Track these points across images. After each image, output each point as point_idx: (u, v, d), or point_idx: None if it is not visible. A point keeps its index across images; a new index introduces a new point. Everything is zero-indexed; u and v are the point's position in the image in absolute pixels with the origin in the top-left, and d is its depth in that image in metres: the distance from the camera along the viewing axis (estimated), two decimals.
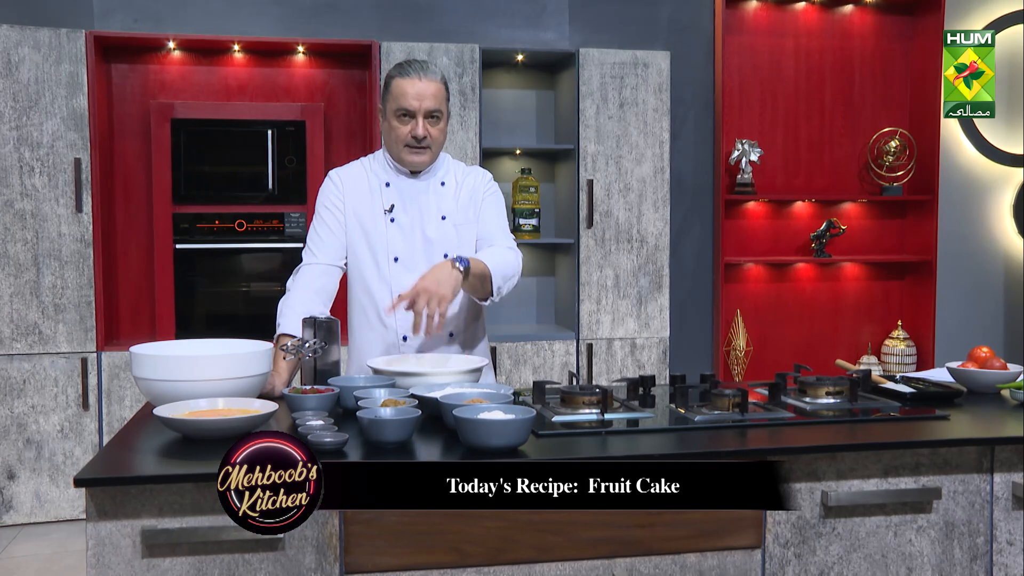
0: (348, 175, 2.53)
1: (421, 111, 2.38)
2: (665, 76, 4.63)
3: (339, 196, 2.49)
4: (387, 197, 2.47)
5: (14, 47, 4.05)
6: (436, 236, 2.46)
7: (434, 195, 2.48)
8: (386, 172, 2.49)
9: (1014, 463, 1.94)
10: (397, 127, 2.41)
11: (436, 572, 1.74)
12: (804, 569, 1.88)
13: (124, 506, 1.63)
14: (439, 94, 2.40)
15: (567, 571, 1.79)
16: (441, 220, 2.46)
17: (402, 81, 2.38)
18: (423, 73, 2.38)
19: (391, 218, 2.45)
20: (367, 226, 2.46)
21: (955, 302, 5.22)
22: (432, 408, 1.96)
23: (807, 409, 2.12)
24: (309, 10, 4.56)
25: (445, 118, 2.44)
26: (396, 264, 2.45)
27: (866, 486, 1.89)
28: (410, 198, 2.47)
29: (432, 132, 2.41)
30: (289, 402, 2.01)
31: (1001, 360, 2.39)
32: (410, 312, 2.22)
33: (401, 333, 2.44)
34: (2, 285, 4.09)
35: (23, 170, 4.09)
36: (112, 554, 1.63)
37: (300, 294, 2.42)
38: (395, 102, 2.39)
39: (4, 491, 4.11)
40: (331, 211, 2.49)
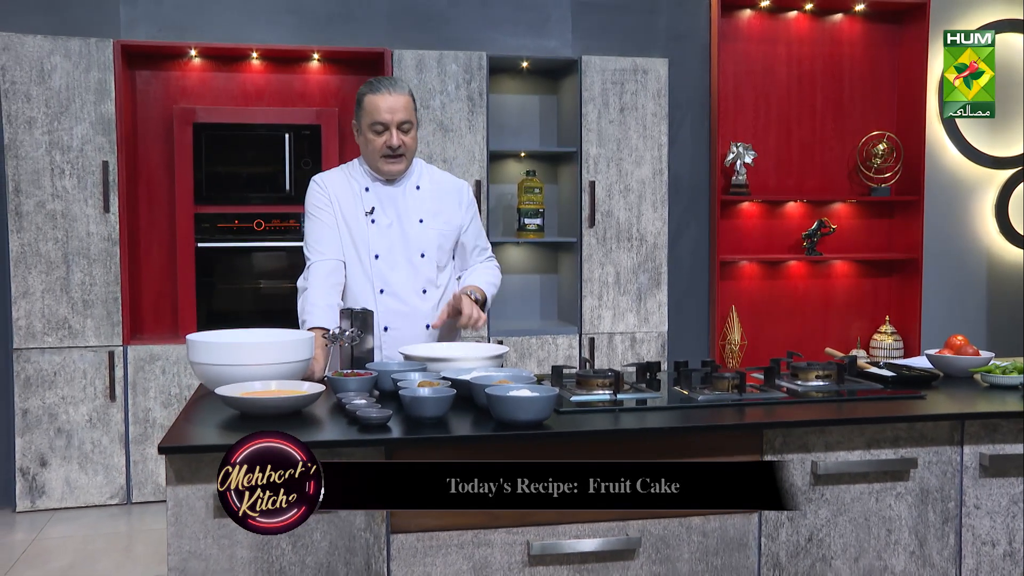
0: (331, 179, 2.79)
1: (394, 123, 2.64)
2: (663, 82, 4.85)
3: (327, 198, 2.75)
4: (367, 200, 2.72)
5: (47, 56, 4.25)
6: (414, 236, 2.74)
7: (411, 199, 2.75)
8: (365, 178, 2.76)
9: (981, 436, 2.18)
10: (373, 139, 2.66)
11: (471, 532, 1.96)
12: (796, 531, 2.11)
13: (198, 472, 1.85)
14: (408, 106, 2.68)
15: (586, 531, 2.01)
16: (419, 223, 2.74)
17: (374, 97, 2.64)
18: (393, 88, 2.65)
19: (372, 219, 2.70)
20: (351, 226, 2.72)
21: (940, 298, 5.45)
22: (462, 389, 2.18)
23: (799, 390, 2.35)
24: (323, 19, 4.77)
25: (415, 127, 2.71)
26: (377, 261, 2.72)
27: (851, 457, 2.12)
28: (388, 201, 2.74)
29: (405, 141, 2.67)
30: (333, 384, 2.22)
31: (974, 347, 2.61)
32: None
33: (383, 324, 2.72)
34: (34, 282, 4.30)
35: (54, 172, 4.30)
36: (188, 514, 1.85)
37: (319, 289, 2.66)
38: (369, 116, 2.65)
39: (37, 477, 4.32)
40: (324, 210, 2.74)
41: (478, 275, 2.85)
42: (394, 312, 2.73)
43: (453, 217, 2.81)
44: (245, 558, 1.88)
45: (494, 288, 2.86)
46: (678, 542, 2.05)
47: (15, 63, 4.22)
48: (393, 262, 2.73)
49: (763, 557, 2.09)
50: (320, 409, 2.17)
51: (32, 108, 4.25)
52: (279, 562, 1.89)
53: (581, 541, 2.00)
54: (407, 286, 2.74)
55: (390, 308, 2.73)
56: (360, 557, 1.92)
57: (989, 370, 2.49)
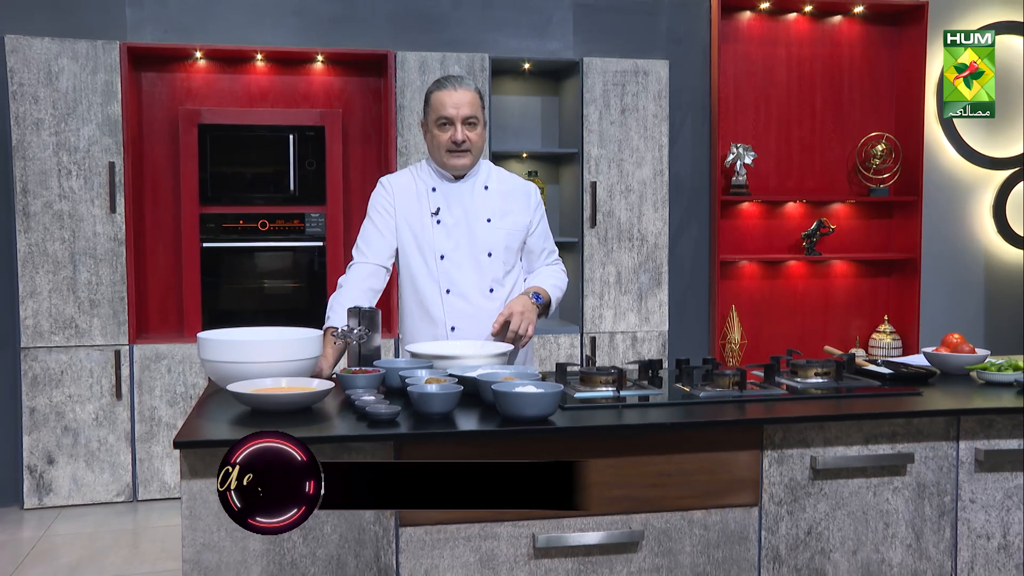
0: (398, 181, 2.80)
1: (459, 118, 2.65)
2: (664, 84, 4.89)
3: (390, 201, 2.76)
4: (433, 201, 2.73)
5: (54, 58, 4.29)
6: (481, 235, 2.73)
7: (479, 198, 2.75)
8: (432, 178, 2.76)
9: (977, 432, 2.22)
10: (439, 135, 2.68)
11: (477, 525, 2.01)
12: (795, 524, 2.15)
13: (212, 467, 1.89)
14: (474, 102, 2.68)
15: (590, 524, 2.05)
16: (487, 222, 2.73)
17: (440, 93, 2.66)
18: (458, 84, 2.66)
19: (437, 220, 2.72)
20: (415, 227, 2.73)
21: (938, 297, 5.49)
22: (468, 386, 2.23)
23: (798, 387, 2.39)
24: (327, 21, 4.81)
25: (482, 124, 2.72)
26: (443, 261, 2.72)
27: (849, 452, 2.17)
28: (455, 201, 2.74)
29: (471, 136, 2.68)
30: (342, 381, 2.27)
31: (970, 345, 2.66)
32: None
33: (449, 325, 2.71)
34: (42, 281, 4.34)
35: (61, 173, 4.34)
36: (202, 507, 1.90)
37: (350, 292, 2.68)
38: (435, 112, 2.67)
39: (44, 475, 4.36)
40: (381, 215, 2.75)
41: (543, 277, 2.83)
42: (460, 312, 2.72)
43: (521, 218, 2.80)
44: (257, 550, 1.92)
45: (559, 291, 2.84)
46: (680, 535, 2.10)
47: (23, 65, 4.27)
48: (459, 262, 2.72)
49: (763, 550, 2.14)
50: (329, 405, 2.21)
51: (40, 109, 4.29)
52: (291, 554, 1.93)
53: (585, 534, 2.04)
54: (473, 286, 2.73)
55: (456, 308, 2.72)
56: (369, 549, 1.96)
57: (985, 367, 2.53)
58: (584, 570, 2.05)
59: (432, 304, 2.72)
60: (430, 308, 2.72)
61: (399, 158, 4.64)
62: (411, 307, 2.78)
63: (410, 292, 2.77)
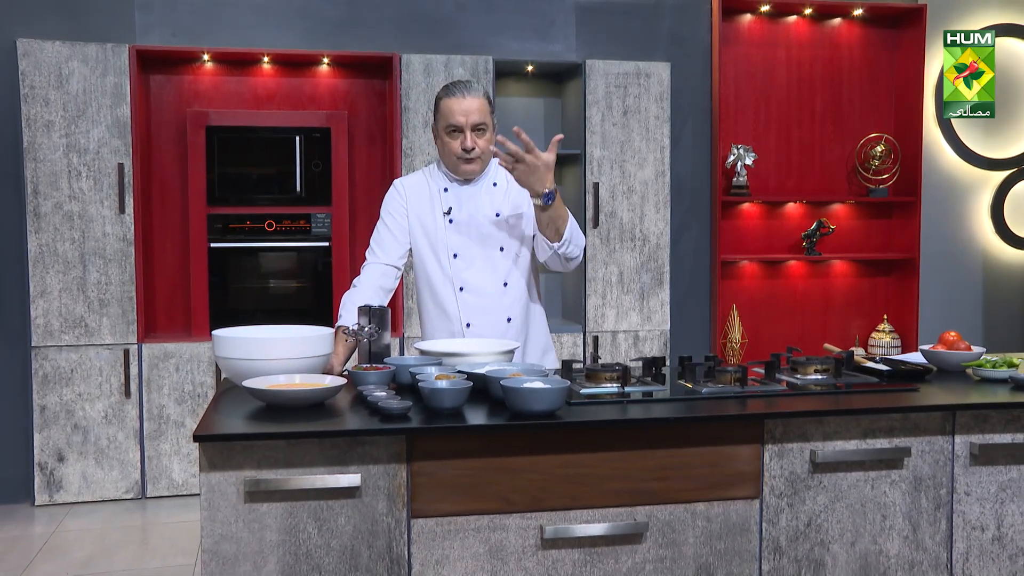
0: (410, 183, 2.86)
1: (468, 125, 2.70)
2: (666, 85, 4.95)
3: (402, 203, 2.82)
4: (445, 201, 2.79)
5: (64, 61, 4.36)
6: (492, 232, 2.79)
7: (487, 196, 2.81)
8: (443, 180, 2.82)
9: (972, 427, 2.28)
10: (449, 142, 2.74)
11: (487, 517, 2.07)
12: (795, 516, 2.21)
13: (230, 460, 1.95)
14: (483, 108, 2.73)
15: (596, 516, 2.11)
16: (495, 217, 2.79)
17: (449, 101, 2.71)
18: (467, 91, 2.71)
19: (449, 219, 2.78)
20: (428, 228, 2.79)
21: (937, 297, 5.55)
22: (477, 382, 2.29)
23: (798, 383, 2.45)
24: (333, 24, 4.87)
25: (491, 129, 2.77)
26: (456, 260, 2.78)
27: (848, 446, 2.22)
28: (466, 200, 2.80)
29: (480, 143, 2.73)
30: (354, 378, 2.33)
31: (966, 343, 2.72)
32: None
33: (465, 321, 2.77)
34: (52, 281, 4.40)
35: (71, 174, 4.40)
36: (220, 499, 1.96)
37: (363, 291, 2.75)
38: (444, 120, 2.72)
39: (55, 472, 4.42)
40: (394, 217, 2.82)
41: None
42: (474, 308, 2.78)
43: (528, 209, 2.83)
44: (274, 541, 1.98)
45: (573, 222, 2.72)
46: (683, 527, 2.16)
47: (34, 68, 4.33)
48: (471, 259, 2.78)
49: (764, 541, 2.20)
50: (342, 401, 2.27)
51: (50, 112, 4.36)
52: (306, 545, 1.99)
53: (591, 525, 2.10)
54: (487, 282, 2.78)
55: (470, 305, 2.78)
56: (382, 540, 2.02)
57: (980, 364, 2.59)
58: (591, 561, 2.11)
59: (447, 302, 2.79)
60: (445, 306, 2.79)
61: (404, 159, 4.70)
62: (428, 305, 2.85)
63: (426, 291, 2.84)
